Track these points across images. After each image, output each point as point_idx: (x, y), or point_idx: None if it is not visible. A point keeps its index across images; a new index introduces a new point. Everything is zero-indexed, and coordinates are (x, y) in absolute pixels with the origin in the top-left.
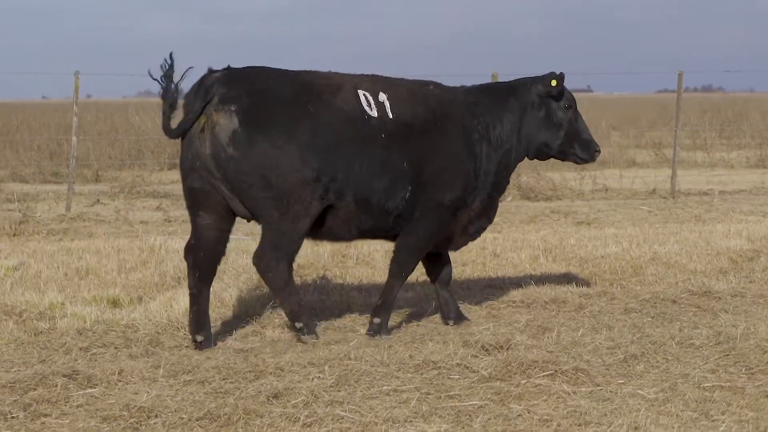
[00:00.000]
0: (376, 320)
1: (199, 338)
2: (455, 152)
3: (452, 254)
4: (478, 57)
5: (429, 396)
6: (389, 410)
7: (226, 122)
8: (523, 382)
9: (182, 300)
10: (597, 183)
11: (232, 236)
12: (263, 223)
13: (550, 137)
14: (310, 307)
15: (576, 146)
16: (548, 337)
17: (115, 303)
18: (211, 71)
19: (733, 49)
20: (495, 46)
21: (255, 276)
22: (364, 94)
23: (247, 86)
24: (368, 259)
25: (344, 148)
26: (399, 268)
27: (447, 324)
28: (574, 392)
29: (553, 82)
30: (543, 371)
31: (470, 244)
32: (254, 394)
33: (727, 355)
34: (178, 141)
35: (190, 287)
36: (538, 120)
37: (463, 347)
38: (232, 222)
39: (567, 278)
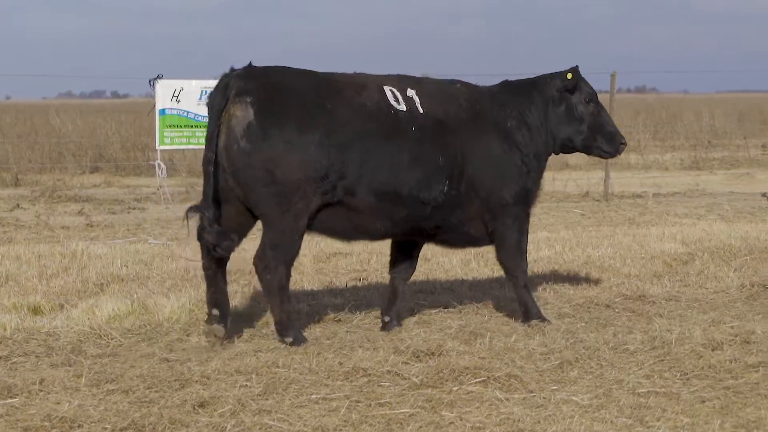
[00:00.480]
0: (534, 321)
1: (215, 312)
2: (496, 151)
3: (382, 260)
4: (408, 56)
5: (359, 404)
6: (318, 419)
7: (242, 114)
8: (455, 389)
9: (105, 307)
10: None
11: (152, 240)
12: (264, 221)
13: (572, 132)
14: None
15: (600, 140)
16: (480, 343)
17: (35, 310)
18: (232, 69)
19: (666, 50)
20: (426, 46)
21: (180, 282)
22: (390, 90)
23: (264, 80)
24: (296, 264)
25: (362, 144)
26: (514, 276)
27: (383, 321)
28: (507, 399)
29: (569, 75)
30: (475, 378)
31: None
32: (179, 403)
33: (662, 360)
34: (101, 144)
35: (204, 268)
36: (559, 115)
37: (393, 354)
38: (252, 219)
39: (499, 283)
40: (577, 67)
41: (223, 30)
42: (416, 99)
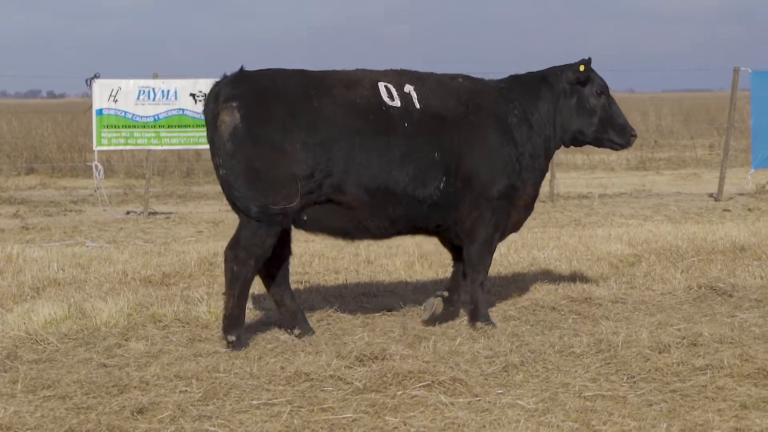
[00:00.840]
0: (479, 324)
1: (296, 332)
2: (492, 143)
3: (324, 262)
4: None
5: (301, 409)
6: (260, 424)
7: (229, 119)
8: (399, 393)
9: (41, 311)
10: None
11: (89, 243)
12: (243, 216)
13: (584, 124)
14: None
15: (611, 132)
16: (424, 347)
17: None
18: (224, 76)
19: (613, 49)
20: (363, 44)
21: (118, 285)
22: (385, 86)
23: (252, 84)
24: None
25: (348, 141)
26: (475, 271)
27: (443, 296)
28: (452, 403)
29: (581, 68)
30: (419, 382)
31: (343, 251)
32: (118, 409)
33: (609, 363)
34: (36, 145)
35: (270, 295)
36: (571, 108)
37: (336, 358)
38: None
39: (443, 285)
40: (589, 59)
41: (161, 29)
42: (413, 94)
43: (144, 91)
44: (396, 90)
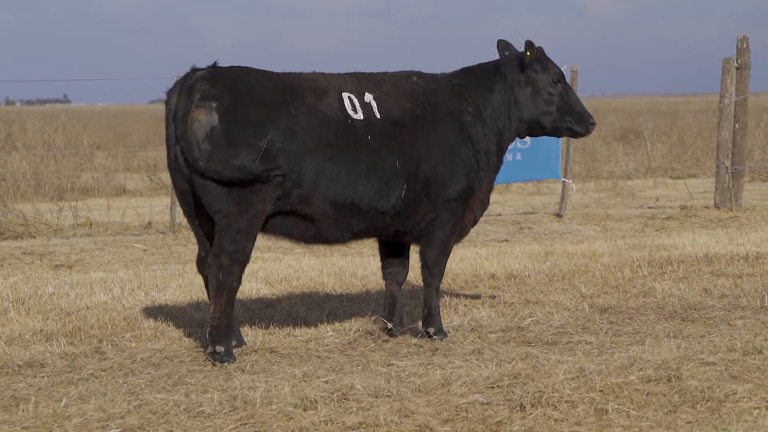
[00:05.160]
0: (431, 329)
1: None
2: (450, 143)
3: None
4: None
5: None
6: None
7: (206, 118)
8: None
9: None
10: (79, 216)
11: None
12: (221, 221)
13: (541, 114)
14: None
15: (569, 120)
16: (23, 410)
17: None
18: (194, 69)
19: (231, 52)
20: None
21: None
22: (348, 97)
23: (229, 84)
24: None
25: (319, 154)
26: (431, 275)
27: (387, 328)
28: None
29: (528, 53)
30: None
31: None
32: None
33: (245, 424)
34: None
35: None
36: (527, 97)
37: None
38: None
39: (45, 335)
40: (532, 43)
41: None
42: (373, 104)
43: None
44: (358, 100)
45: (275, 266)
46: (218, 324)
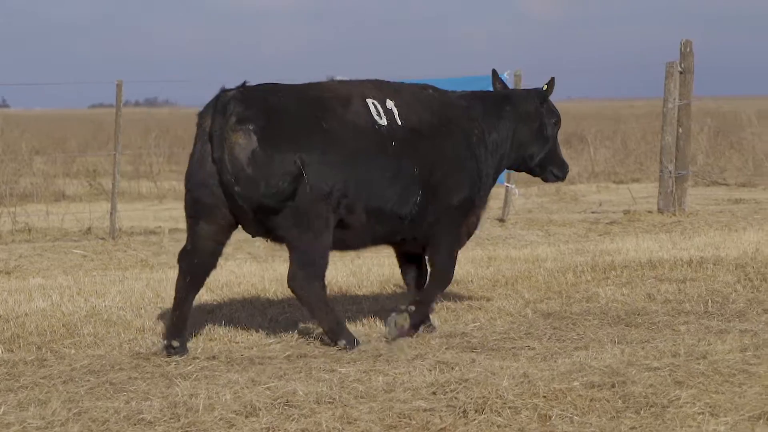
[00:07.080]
0: (420, 330)
1: (175, 344)
2: (460, 154)
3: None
4: None
5: None
6: None
7: (245, 142)
8: None
9: None
10: (18, 222)
11: None
12: (288, 243)
13: (538, 150)
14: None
15: (554, 163)
16: None
17: None
18: (224, 90)
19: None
20: None
21: None
22: (373, 103)
23: (263, 105)
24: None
25: (356, 161)
26: (439, 279)
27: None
28: None
29: (545, 87)
30: None
31: None
32: None
33: (187, 431)
34: None
35: (177, 291)
36: (532, 131)
37: None
38: (228, 235)
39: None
40: (554, 79)
41: None
42: (395, 111)
43: None
44: (381, 107)
45: (216, 272)
46: (329, 326)
